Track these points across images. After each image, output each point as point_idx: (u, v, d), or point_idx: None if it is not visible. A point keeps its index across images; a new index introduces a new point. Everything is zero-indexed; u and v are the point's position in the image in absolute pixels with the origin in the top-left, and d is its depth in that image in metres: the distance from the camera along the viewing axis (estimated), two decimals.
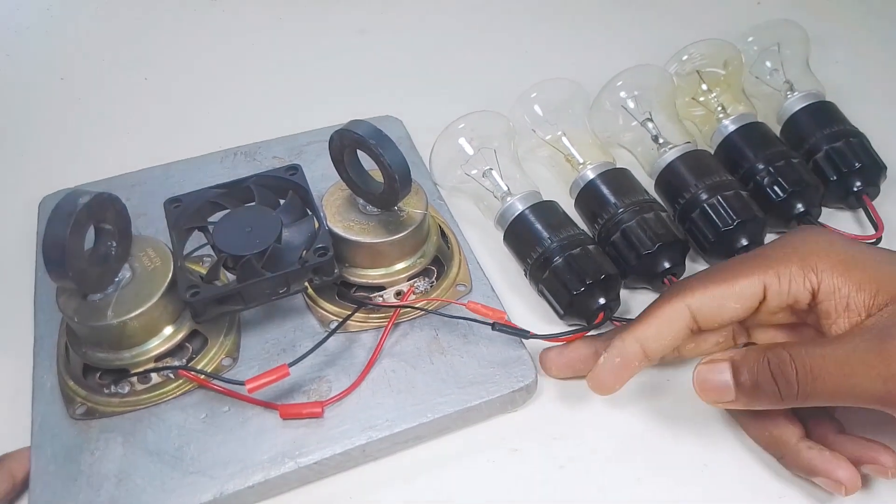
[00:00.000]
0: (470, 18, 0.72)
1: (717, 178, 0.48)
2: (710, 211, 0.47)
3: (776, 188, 0.49)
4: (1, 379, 0.44)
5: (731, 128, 0.53)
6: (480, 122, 0.53)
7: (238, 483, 0.38)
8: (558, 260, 0.44)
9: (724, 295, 0.38)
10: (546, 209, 0.48)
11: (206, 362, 0.42)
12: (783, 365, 0.35)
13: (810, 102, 0.54)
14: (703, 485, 0.39)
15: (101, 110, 0.63)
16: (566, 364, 0.43)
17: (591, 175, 0.50)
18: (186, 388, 0.41)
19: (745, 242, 0.47)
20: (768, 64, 0.57)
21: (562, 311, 0.45)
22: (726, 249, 0.47)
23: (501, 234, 0.49)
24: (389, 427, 0.40)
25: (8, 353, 0.45)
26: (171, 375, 0.41)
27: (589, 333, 0.43)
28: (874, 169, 0.51)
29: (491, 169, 0.50)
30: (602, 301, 0.44)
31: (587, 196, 0.50)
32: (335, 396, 0.41)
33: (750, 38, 0.58)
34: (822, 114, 0.53)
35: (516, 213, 0.48)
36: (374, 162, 0.41)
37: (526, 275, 0.47)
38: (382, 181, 0.42)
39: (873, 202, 0.51)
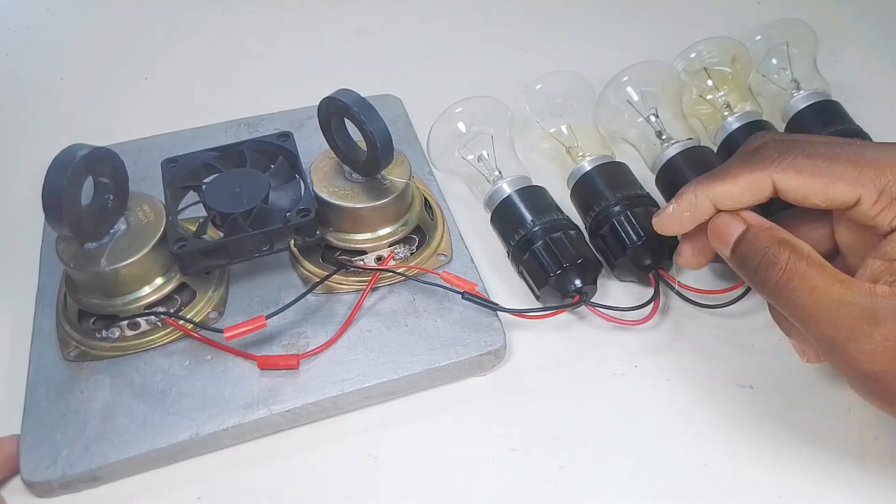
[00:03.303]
0: (479, 11, 0.72)
1: None
2: None
3: None
4: (4, 322, 0.47)
5: (735, 125, 0.52)
6: (479, 106, 0.53)
7: (214, 425, 0.40)
8: (539, 242, 0.45)
9: (814, 190, 0.36)
10: (533, 193, 0.49)
11: (194, 314, 0.44)
12: (772, 266, 0.35)
13: (815, 101, 0.53)
14: (703, 484, 0.40)
15: (101, 110, 0.63)
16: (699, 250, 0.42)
17: (587, 167, 0.50)
18: (173, 337, 0.44)
19: None
20: (775, 62, 0.56)
21: (539, 293, 0.46)
22: None
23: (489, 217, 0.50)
24: (360, 381, 0.42)
25: (14, 299, 0.48)
26: (159, 323, 0.43)
27: (563, 313, 0.45)
28: None
29: (486, 153, 0.51)
30: (579, 284, 0.45)
31: (582, 188, 0.50)
32: (311, 351, 0.43)
33: (758, 37, 0.57)
34: (826, 112, 0.53)
35: (504, 196, 0.49)
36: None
37: (509, 256, 0.48)
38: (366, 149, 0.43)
39: None
